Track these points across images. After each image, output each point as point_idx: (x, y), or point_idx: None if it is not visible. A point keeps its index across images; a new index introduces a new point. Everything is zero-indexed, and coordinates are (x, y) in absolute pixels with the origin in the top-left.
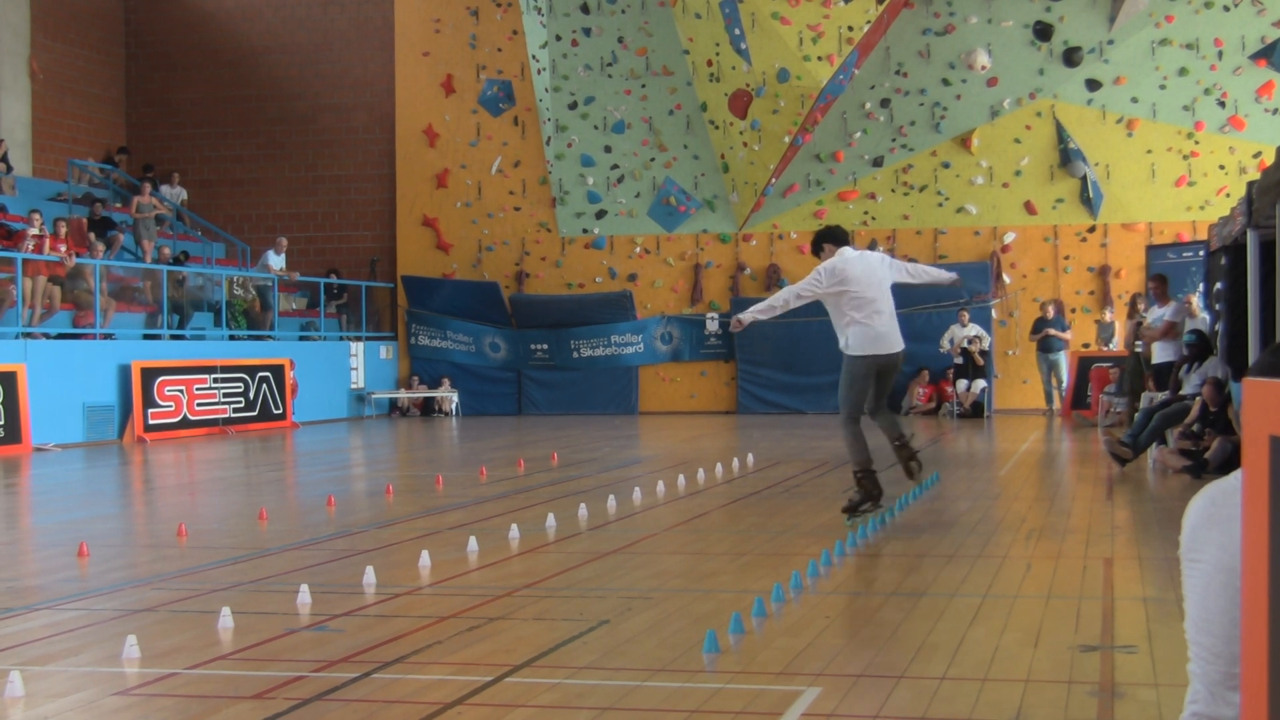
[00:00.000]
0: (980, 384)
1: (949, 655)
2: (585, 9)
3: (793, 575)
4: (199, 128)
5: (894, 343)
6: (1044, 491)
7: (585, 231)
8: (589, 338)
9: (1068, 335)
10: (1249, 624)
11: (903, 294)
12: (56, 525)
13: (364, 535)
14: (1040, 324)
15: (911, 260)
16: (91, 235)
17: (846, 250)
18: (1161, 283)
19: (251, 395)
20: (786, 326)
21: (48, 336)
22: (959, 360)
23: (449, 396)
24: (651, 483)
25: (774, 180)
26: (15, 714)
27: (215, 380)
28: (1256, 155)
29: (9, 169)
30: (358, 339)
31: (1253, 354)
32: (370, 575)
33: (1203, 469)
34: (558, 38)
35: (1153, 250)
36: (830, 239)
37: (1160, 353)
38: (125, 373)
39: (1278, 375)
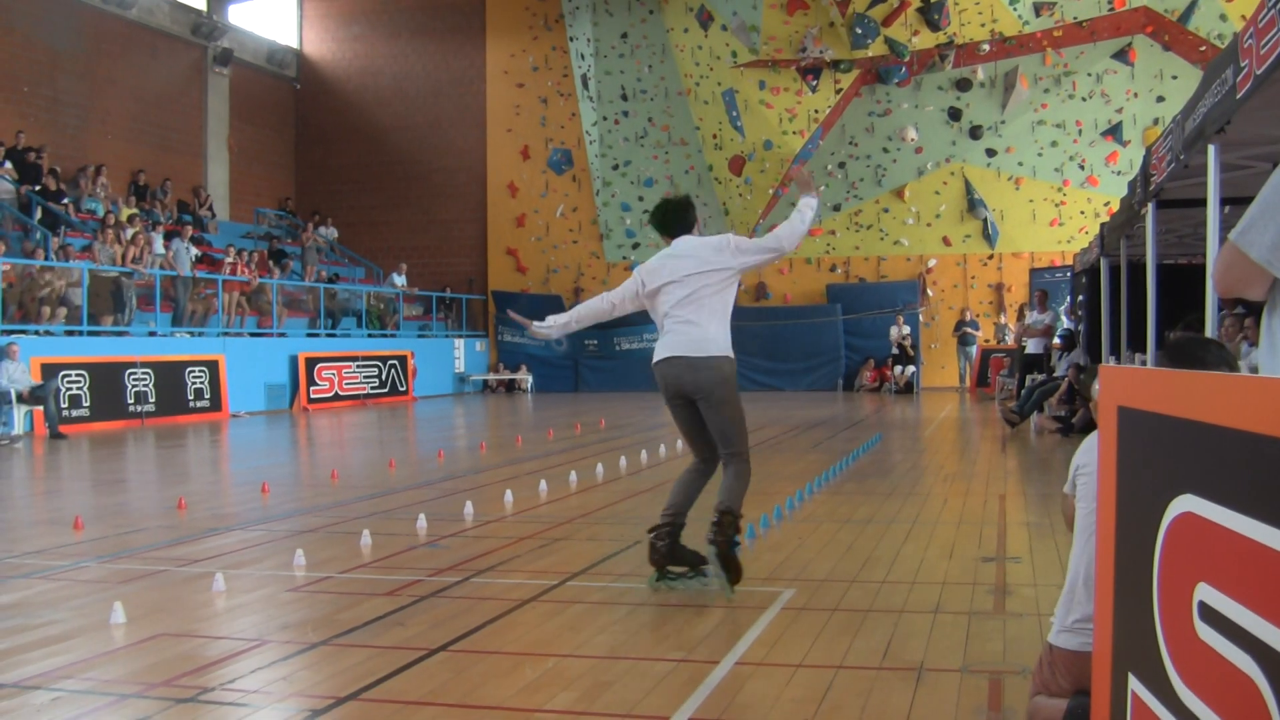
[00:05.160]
0: (911, 369)
1: (888, 565)
2: (624, 98)
3: (775, 507)
4: (346, 184)
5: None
6: (956, 446)
7: (624, 258)
8: (628, 335)
9: (979, 333)
10: (1102, 526)
11: (854, 301)
12: (246, 470)
13: (464, 479)
14: (959, 324)
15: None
16: (270, 262)
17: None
18: (1044, 295)
19: (384, 377)
20: (769, 327)
21: (240, 335)
22: (895, 351)
23: (525, 378)
24: (673, 441)
25: (761, 221)
26: (220, 602)
27: (358, 366)
28: (1106, 204)
29: (213, 215)
30: (460, 336)
31: (1105, 346)
32: (469, 507)
33: (1069, 430)
34: (604, 118)
35: (1034, 272)
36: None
37: (1033, 346)
38: (294, 361)
39: (1174, 365)
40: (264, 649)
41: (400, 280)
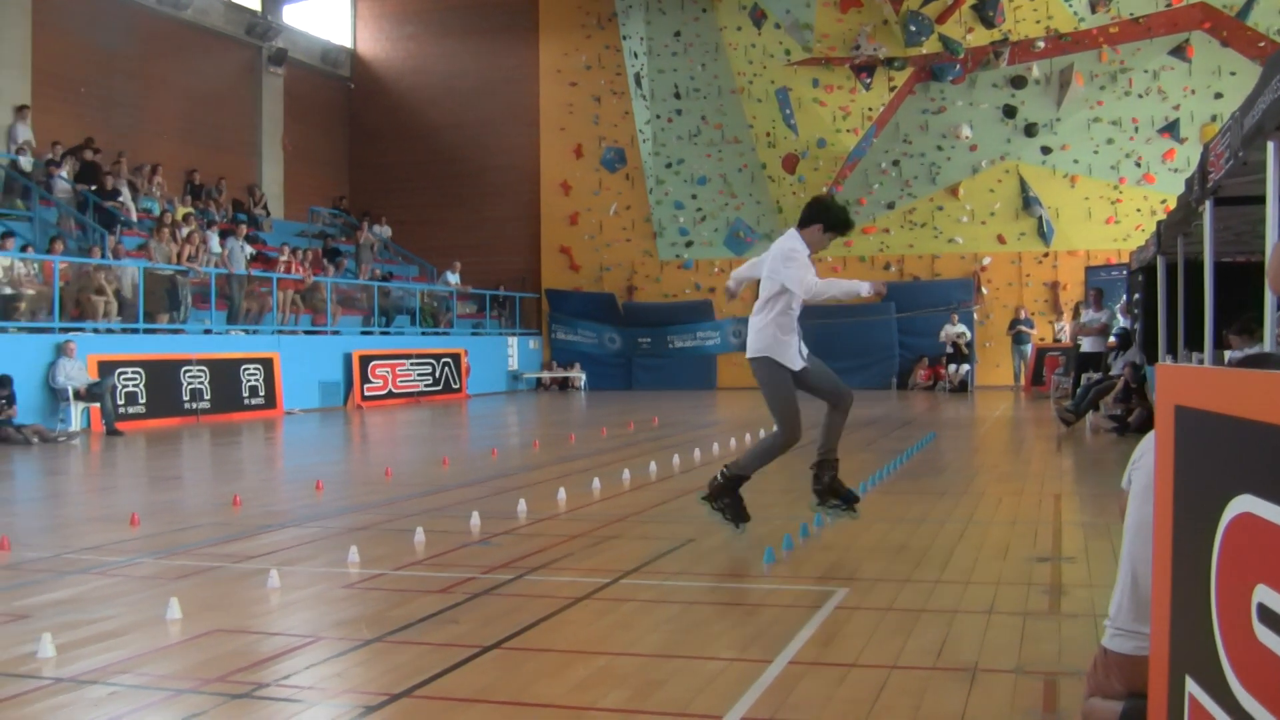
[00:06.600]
0: (965, 367)
1: (942, 564)
2: (677, 96)
3: None
4: (399, 183)
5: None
6: (1011, 445)
7: (677, 256)
8: (680, 333)
9: (1034, 331)
10: (1159, 527)
11: (908, 299)
12: (301, 467)
13: (517, 476)
14: (1014, 323)
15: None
16: (324, 260)
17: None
18: (1099, 294)
19: (437, 375)
20: (822, 325)
21: (294, 333)
22: (950, 350)
23: (578, 376)
24: (725, 439)
25: None
26: (275, 599)
27: (411, 364)
28: (1163, 202)
29: (268, 214)
30: (513, 334)
31: (1162, 345)
32: (522, 505)
33: (1125, 429)
34: (658, 116)
35: (1090, 270)
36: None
37: (1088, 344)
38: (348, 358)
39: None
40: (317, 645)
41: (454, 278)
